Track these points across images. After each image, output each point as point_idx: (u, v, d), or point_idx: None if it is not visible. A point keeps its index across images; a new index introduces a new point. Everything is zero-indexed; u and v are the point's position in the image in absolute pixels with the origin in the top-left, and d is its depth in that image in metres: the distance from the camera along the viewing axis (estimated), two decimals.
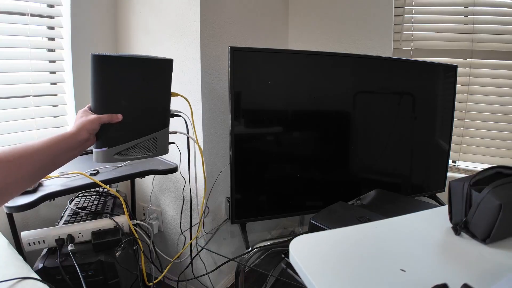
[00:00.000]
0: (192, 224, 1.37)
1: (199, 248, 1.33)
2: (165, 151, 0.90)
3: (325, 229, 0.88)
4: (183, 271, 1.44)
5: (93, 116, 0.74)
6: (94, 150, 0.78)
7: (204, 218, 1.40)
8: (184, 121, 1.20)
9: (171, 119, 0.91)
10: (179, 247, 1.49)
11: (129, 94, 0.78)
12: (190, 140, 1.20)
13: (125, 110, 0.77)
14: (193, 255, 1.37)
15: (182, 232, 1.46)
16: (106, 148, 0.78)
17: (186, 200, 1.40)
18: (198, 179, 1.33)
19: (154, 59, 0.80)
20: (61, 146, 0.68)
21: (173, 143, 0.99)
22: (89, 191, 1.30)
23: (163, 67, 0.83)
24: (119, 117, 0.76)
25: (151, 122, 0.84)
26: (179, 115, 1.16)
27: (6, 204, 0.90)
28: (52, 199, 0.97)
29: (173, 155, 1.23)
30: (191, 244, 1.37)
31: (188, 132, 1.23)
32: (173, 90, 0.87)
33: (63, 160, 0.70)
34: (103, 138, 0.77)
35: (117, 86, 0.76)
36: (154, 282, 1.19)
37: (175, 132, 1.20)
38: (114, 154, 0.79)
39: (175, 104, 0.91)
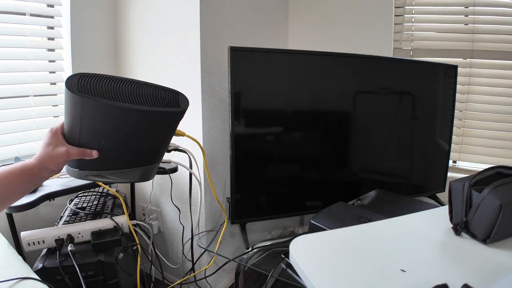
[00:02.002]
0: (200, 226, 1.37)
1: (200, 250, 1.33)
2: (148, 179, 0.78)
3: (325, 229, 0.88)
4: (187, 274, 1.44)
5: (60, 150, 0.62)
6: (66, 165, 0.69)
7: (227, 222, 1.40)
8: (189, 157, 1.21)
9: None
10: (179, 248, 1.49)
11: (113, 137, 0.63)
12: (193, 157, 1.21)
13: (104, 149, 0.64)
14: (193, 255, 1.36)
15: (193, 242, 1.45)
16: (77, 169, 0.68)
17: (186, 201, 1.40)
18: (198, 179, 1.33)
19: (159, 112, 0.62)
20: (20, 179, 0.60)
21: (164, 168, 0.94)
22: (88, 191, 1.30)
23: (170, 117, 0.67)
24: (94, 154, 0.63)
25: (137, 159, 0.71)
26: (183, 151, 1.15)
27: None
28: (51, 199, 0.98)
29: (174, 155, 1.23)
30: (192, 245, 1.37)
31: (191, 166, 1.23)
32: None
33: (16, 196, 0.62)
34: (75, 161, 0.66)
35: (99, 126, 0.61)
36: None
37: (169, 162, 1.19)
38: (85, 175, 0.69)
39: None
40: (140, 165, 0.72)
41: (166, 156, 1.01)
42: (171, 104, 0.64)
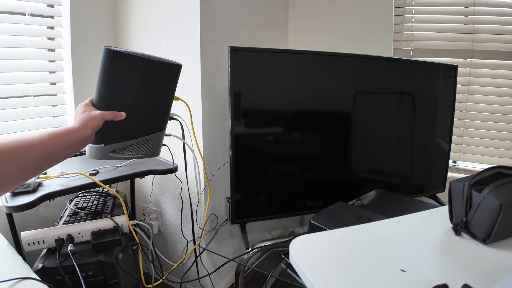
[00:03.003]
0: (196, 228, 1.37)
1: (201, 250, 1.33)
2: (158, 152, 0.89)
3: (325, 230, 0.88)
4: (186, 272, 1.43)
5: (96, 112, 0.70)
6: (89, 145, 0.76)
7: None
8: (180, 125, 1.18)
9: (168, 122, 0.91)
10: (179, 248, 1.49)
11: (136, 93, 0.77)
12: (188, 143, 1.19)
13: (129, 109, 0.75)
14: (195, 257, 1.36)
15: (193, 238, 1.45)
16: (103, 145, 0.76)
17: (186, 201, 1.40)
18: (198, 179, 1.33)
19: (167, 62, 0.80)
20: (60, 142, 0.62)
21: (166, 145, 0.97)
22: (88, 191, 1.30)
23: (173, 71, 0.83)
24: (123, 115, 0.74)
25: (151, 123, 0.84)
26: (175, 119, 1.15)
27: (6, 204, 0.90)
28: (51, 199, 0.97)
29: (174, 155, 1.23)
30: (193, 243, 1.37)
31: (183, 137, 1.21)
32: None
33: (60, 157, 0.64)
34: (102, 134, 0.74)
35: (126, 84, 0.75)
36: (154, 284, 1.19)
37: (169, 135, 1.18)
38: (109, 151, 0.77)
39: (173, 107, 0.90)
40: (152, 132, 0.84)
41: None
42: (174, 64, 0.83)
